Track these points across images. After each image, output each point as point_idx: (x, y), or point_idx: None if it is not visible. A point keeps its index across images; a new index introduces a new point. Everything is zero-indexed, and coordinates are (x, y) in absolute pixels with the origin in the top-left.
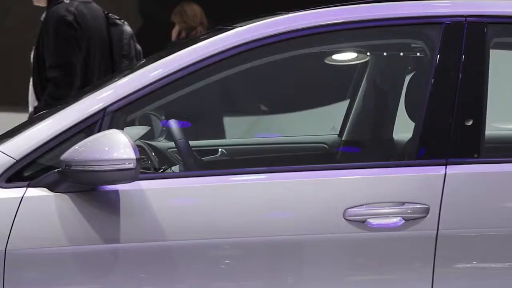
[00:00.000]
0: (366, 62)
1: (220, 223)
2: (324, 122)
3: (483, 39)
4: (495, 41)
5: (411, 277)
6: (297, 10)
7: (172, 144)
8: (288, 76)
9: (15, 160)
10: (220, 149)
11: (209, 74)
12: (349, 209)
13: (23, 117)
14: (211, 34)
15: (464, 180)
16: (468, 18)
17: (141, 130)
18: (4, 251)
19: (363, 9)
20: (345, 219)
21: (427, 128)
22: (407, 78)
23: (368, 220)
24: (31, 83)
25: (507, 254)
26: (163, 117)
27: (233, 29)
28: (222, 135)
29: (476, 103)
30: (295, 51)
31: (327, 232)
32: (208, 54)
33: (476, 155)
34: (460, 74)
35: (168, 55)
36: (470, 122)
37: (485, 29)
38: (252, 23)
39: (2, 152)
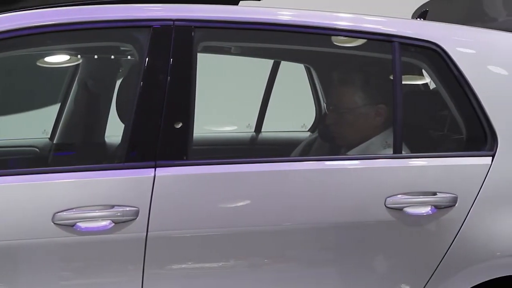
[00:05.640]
0: (77, 65)
1: None
2: (35, 125)
3: (191, 42)
4: (203, 45)
5: (122, 280)
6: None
7: None
8: None
9: None
10: None
11: None
12: (58, 213)
13: None
14: None
15: (173, 182)
16: (176, 22)
17: None
18: None
19: (74, 11)
20: (54, 223)
21: (137, 131)
22: (119, 81)
23: (78, 223)
24: None
25: (216, 254)
26: None
27: None
28: None
29: (184, 106)
30: (2, 52)
31: (37, 236)
32: None
33: (185, 157)
34: (169, 77)
35: None
36: (179, 125)
37: (193, 33)
38: None
39: None
